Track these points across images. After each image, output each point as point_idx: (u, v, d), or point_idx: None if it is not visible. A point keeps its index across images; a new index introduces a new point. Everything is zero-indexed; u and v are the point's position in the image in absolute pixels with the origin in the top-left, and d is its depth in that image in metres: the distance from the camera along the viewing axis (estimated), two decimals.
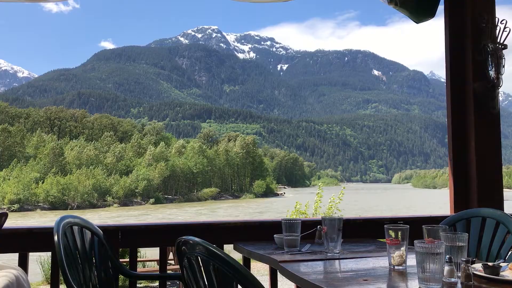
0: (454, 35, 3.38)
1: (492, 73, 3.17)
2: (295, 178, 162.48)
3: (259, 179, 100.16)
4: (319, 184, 12.15)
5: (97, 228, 2.47)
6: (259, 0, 3.07)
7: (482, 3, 3.28)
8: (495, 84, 3.18)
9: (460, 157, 3.30)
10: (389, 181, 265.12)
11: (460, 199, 3.28)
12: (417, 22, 3.51)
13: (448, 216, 2.87)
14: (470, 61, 3.25)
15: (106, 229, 2.56)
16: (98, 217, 48.11)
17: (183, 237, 1.58)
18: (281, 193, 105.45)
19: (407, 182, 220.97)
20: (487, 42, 3.19)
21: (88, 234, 2.40)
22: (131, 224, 2.71)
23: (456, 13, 3.37)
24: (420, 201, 75.95)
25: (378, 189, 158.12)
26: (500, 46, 3.21)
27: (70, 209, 66.27)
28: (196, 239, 1.49)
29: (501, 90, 3.37)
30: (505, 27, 3.23)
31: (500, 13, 3.37)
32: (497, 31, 3.24)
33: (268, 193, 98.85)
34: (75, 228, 2.30)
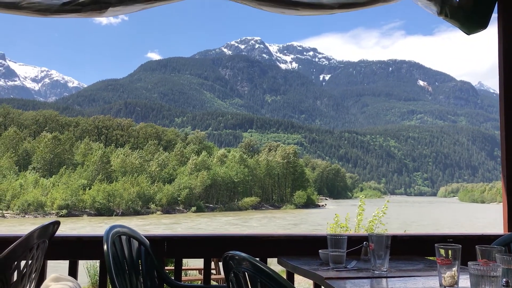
0: (508, 45, 3.26)
1: None
2: (336, 189, 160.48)
3: (300, 189, 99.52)
4: (361, 196, 11.90)
5: (144, 238, 2.52)
6: (302, 14, 3.06)
7: None
8: None
9: None
10: (434, 194, 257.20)
11: None
12: (468, 34, 3.40)
13: (502, 235, 2.75)
14: None
15: (152, 239, 2.60)
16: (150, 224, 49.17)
17: (230, 252, 1.61)
18: (322, 205, 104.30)
19: (454, 196, 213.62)
20: None
21: (135, 244, 2.45)
22: (177, 234, 2.75)
23: (511, 23, 3.25)
24: (468, 216, 73.16)
25: (422, 202, 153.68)
26: None
27: (115, 215, 68.01)
28: (243, 254, 1.51)
29: None
30: None
31: None
32: None
33: (309, 204, 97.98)
34: (123, 237, 2.35)
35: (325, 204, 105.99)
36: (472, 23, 3.32)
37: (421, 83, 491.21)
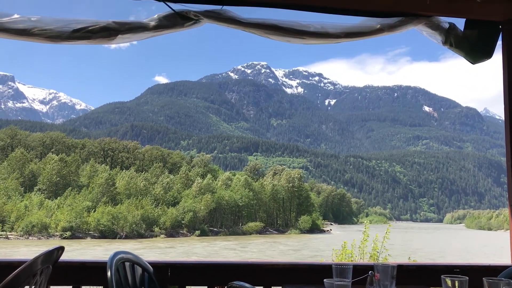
0: None
1: None
2: (342, 214, 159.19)
3: (305, 214, 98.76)
4: (366, 221, 11.78)
5: (148, 264, 2.50)
6: (308, 42, 3.11)
7: None
8: None
9: None
10: (440, 220, 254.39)
11: None
12: (473, 63, 3.43)
13: (509, 266, 2.71)
14: None
15: (156, 265, 2.59)
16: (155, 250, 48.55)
17: (235, 282, 1.61)
18: (328, 230, 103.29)
19: (460, 223, 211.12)
20: None
21: (139, 270, 2.44)
22: (180, 261, 2.74)
23: None
24: (474, 243, 72.17)
25: (429, 228, 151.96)
26: None
27: (118, 238, 67.64)
28: (247, 285, 1.53)
29: None
30: None
31: None
32: None
33: (314, 229, 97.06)
34: (127, 264, 2.34)
35: (330, 229, 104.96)
36: (476, 53, 3.36)
37: (426, 109, 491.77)
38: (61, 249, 2.27)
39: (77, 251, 44.21)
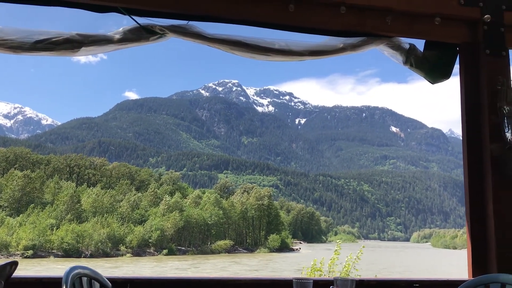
0: (470, 96, 3.40)
1: (508, 135, 3.15)
2: (311, 233, 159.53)
3: (274, 233, 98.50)
4: (337, 240, 11.86)
5: (106, 280, 2.45)
6: (273, 59, 3.16)
7: (497, 65, 3.32)
8: None
9: (478, 219, 3.23)
10: (407, 239, 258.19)
11: (478, 263, 3.18)
12: (432, 83, 3.56)
13: (466, 280, 2.78)
14: (487, 123, 3.25)
15: (115, 281, 2.54)
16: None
17: None
18: (297, 248, 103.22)
19: (426, 241, 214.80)
20: (502, 104, 3.20)
21: (96, 286, 2.38)
22: (140, 277, 2.68)
23: (472, 75, 3.41)
24: (440, 262, 73.44)
25: (396, 247, 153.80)
26: None
27: (83, 257, 65.80)
28: None
29: None
30: None
31: None
32: None
33: (284, 248, 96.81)
34: (84, 279, 2.29)
35: (299, 248, 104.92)
36: (435, 73, 3.49)
37: (393, 129, 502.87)
38: (14, 264, 2.20)
39: (38, 270, 42.66)
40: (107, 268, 49.65)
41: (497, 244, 3.10)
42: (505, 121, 3.20)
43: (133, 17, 2.98)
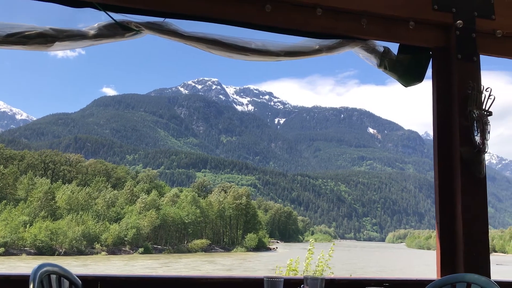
0: (441, 100, 3.47)
1: (477, 138, 3.24)
2: (288, 232, 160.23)
3: (251, 232, 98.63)
4: (311, 240, 11.96)
5: (76, 278, 2.42)
6: (251, 59, 3.17)
7: (468, 70, 3.40)
8: (481, 149, 3.24)
9: (447, 220, 3.31)
10: (383, 239, 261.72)
11: (446, 263, 3.25)
12: (405, 86, 3.63)
13: (434, 280, 2.84)
14: (457, 126, 3.32)
15: (85, 279, 2.51)
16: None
17: None
18: (273, 248, 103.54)
19: (401, 242, 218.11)
20: (472, 108, 3.28)
21: (66, 284, 2.36)
22: (111, 275, 2.67)
23: (444, 79, 3.48)
24: (414, 262, 74.64)
25: (371, 247, 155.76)
26: (485, 112, 3.30)
27: (57, 255, 64.72)
28: None
29: (495, 153, 3.42)
30: (489, 95, 3.33)
31: (486, 79, 3.50)
32: (483, 98, 3.34)
33: (261, 247, 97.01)
34: (53, 276, 2.26)
35: (276, 247, 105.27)
36: (409, 76, 3.55)
37: (371, 130, 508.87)
38: None
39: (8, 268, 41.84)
40: (73, 267, 48.84)
41: (464, 245, 3.18)
42: (475, 125, 3.28)
43: (109, 13, 2.95)
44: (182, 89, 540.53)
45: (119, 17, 2.96)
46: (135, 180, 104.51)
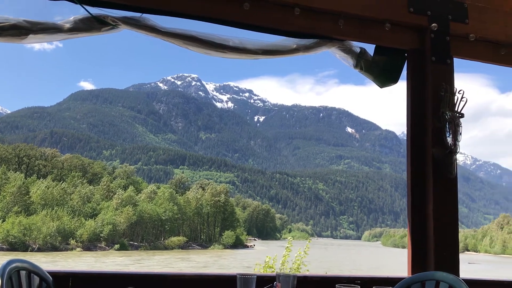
0: (415, 101, 3.53)
1: (449, 139, 3.30)
2: (266, 230, 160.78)
3: (229, 229, 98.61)
4: (289, 238, 12.06)
5: (47, 274, 2.39)
6: (228, 56, 3.17)
7: (442, 72, 3.47)
8: (452, 150, 3.31)
9: (419, 220, 3.37)
10: (359, 238, 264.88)
11: (417, 262, 3.32)
12: (381, 87, 3.68)
13: (405, 278, 2.90)
14: (430, 127, 3.39)
15: (56, 275, 2.48)
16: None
17: None
18: (251, 245, 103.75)
19: (377, 240, 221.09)
20: (445, 110, 3.35)
21: (36, 280, 2.32)
22: (83, 271, 2.64)
23: (418, 80, 3.54)
24: (389, 260, 75.77)
25: (348, 245, 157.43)
26: (457, 114, 3.37)
27: (30, 251, 63.56)
28: None
29: (469, 155, 3.50)
30: (462, 97, 3.40)
31: (461, 81, 3.58)
32: (455, 100, 3.41)
33: (238, 244, 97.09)
34: (23, 273, 2.23)
35: (254, 245, 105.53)
36: (384, 77, 3.61)
37: (349, 130, 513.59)
38: None
39: None
40: (42, 263, 48.02)
41: (435, 243, 3.25)
42: (447, 126, 3.35)
43: (85, 6, 2.92)
44: (161, 85, 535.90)
45: (95, 11, 2.93)
46: (111, 176, 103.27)
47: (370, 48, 3.52)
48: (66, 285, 2.59)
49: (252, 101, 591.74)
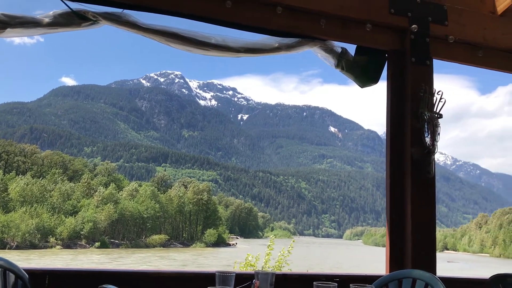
0: (395, 101, 3.58)
1: (428, 140, 3.36)
2: (248, 228, 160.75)
3: (211, 227, 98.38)
4: (272, 236, 12.10)
5: (23, 271, 2.36)
6: (210, 54, 3.17)
7: (421, 73, 3.52)
8: (431, 150, 3.36)
9: (397, 218, 3.42)
10: (340, 236, 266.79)
11: (395, 260, 3.36)
12: (361, 87, 3.72)
13: (383, 275, 2.93)
14: (409, 127, 3.44)
15: (33, 272, 2.45)
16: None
17: (103, 285, 1.53)
18: (233, 244, 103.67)
19: (358, 239, 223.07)
20: (424, 110, 3.40)
21: (11, 278, 2.29)
22: (60, 268, 2.61)
23: (398, 81, 3.59)
24: (370, 258, 76.45)
25: (329, 244, 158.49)
26: (436, 115, 3.42)
27: (8, 248, 62.55)
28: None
29: (450, 155, 3.55)
30: (441, 98, 3.46)
31: (441, 82, 3.64)
32: (434, 101, 3.46)
33: (220, 243, 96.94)
34: None
35: (236, 243, 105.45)
36: (365, 77, 3.65)
37: (332, 129, 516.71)
38: None
39: None
40: (16, 261, 47.24)
41: (413, 242, 3.30)
42: (426, 126, 3.40)
43: (65, 1, 2.88)
44: (144, 82, 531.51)
45: (76, 5, 2.90)
46: (92, 173, 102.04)
47: (351, 48, 3.56)
48: (43, 282, 2.56)
49: (235, 99, 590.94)
